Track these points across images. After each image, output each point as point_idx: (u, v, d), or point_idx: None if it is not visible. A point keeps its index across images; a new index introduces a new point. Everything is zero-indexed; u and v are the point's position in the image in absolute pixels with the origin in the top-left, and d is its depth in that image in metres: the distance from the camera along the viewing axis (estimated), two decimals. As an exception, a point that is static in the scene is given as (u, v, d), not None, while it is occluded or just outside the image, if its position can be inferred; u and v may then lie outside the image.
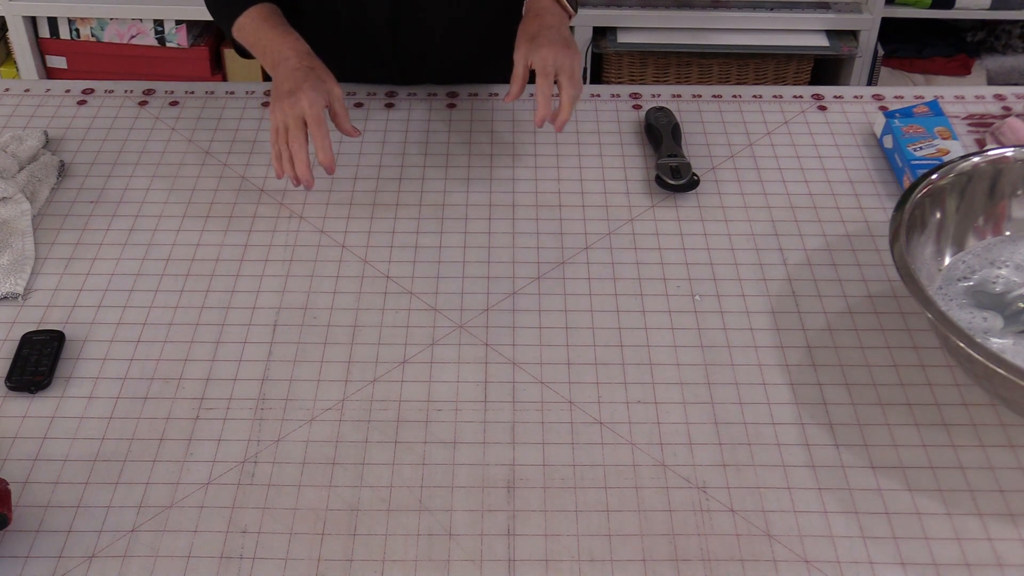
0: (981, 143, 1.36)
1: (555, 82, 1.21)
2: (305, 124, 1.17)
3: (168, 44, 2.42)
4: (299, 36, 1.27)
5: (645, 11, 2.36)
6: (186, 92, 1.46)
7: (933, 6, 2.35)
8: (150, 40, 2.41)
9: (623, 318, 1.12)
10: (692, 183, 1.27)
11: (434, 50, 1.42)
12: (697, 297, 1.14)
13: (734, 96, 1.45)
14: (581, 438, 1.00)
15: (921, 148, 1.28)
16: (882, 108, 1.43)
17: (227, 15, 1.30)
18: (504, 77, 1.47)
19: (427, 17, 1.38)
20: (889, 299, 1.14)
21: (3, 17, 2.39)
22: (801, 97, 1.45)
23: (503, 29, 1.42)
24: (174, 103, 1.44)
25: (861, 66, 2.40)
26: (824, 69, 2.49)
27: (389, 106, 1.43)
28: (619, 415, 1.02)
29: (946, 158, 1.25)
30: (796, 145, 1.36)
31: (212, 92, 1.46)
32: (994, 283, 1.09)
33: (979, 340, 0.92)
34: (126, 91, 1.46)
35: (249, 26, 1.27)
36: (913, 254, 1.03)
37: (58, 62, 2.47)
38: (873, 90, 1.47)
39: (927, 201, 1.08)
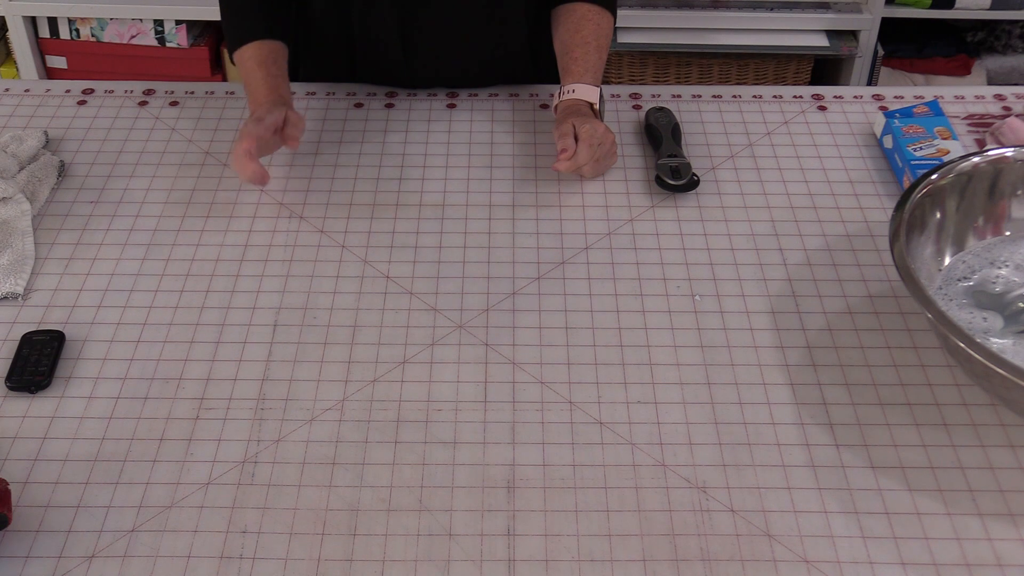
0: (981, 143, 1.36)
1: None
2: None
3: (168, 44, 2.42)
4: (283, 83, 1.30)
5: (645, 11, 2.36)
6: (186, 92, 1.46)
7: (933, 6, 2.35)
8: (150, 40, 2.41)
9: (623, 318, 1.12)
10: (692, 183, 1.27)
11: (445, 55, 1.42)
12: (697, 297, 1.14)
13: (734, 96, 1.45)
14: (581, 438, 1.00)
15: (921, 148, 1.28)
16: (882, 108, 1.43)
17: (233, 39, 1.34)
18: (510, 80, 1.47)
19: (436, 22, 1.38)
20: (889, 299, 1.14)
21: (3, 17, 2.39)
22: (801, 97, 1.45)
23: (513, 33, 1.42)
24: (174, 103, 1.44)
25: (861, 66, 2.40)
26: (824, 69, 2.49)
27: (389, 106, 1.43)
28: (619, 415, 1.02)
29: (946, 158, 1.25)
30: (796, 145, 1.36)
31: (212, 92, 1.46)
32: (994, 283, 1.09)
33: (979, 340, 0.92)
34: (126, 91, 1.46)
35: (246, 64, 1.31)
36: (913, 254, 1.03)
37: (58, 62, 2.47)
38: (873, 90, 1.47)
39: (927, 201, 1.08)
